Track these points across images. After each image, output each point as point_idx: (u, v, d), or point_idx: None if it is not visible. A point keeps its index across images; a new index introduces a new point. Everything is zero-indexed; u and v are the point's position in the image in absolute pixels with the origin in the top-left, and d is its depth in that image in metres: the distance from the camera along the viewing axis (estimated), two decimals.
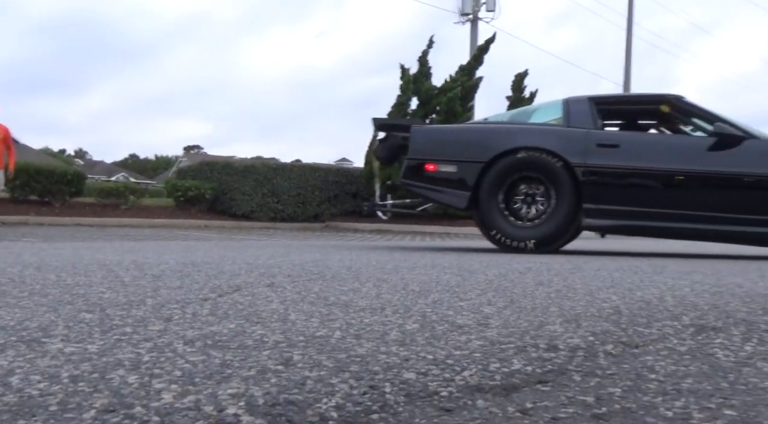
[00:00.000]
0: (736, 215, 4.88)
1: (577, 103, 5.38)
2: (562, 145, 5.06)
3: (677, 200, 4.98)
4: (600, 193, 5.01)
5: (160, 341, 1.35)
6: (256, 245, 5.96)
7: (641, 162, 5.03)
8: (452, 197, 5.25)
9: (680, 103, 5.40)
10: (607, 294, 2.30)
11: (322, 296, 2.10)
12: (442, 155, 5.28)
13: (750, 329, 1.64)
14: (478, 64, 16.24)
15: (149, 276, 2.60)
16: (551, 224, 5.07)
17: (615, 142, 5.12)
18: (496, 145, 5.15)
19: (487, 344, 1.40)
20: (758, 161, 4.89)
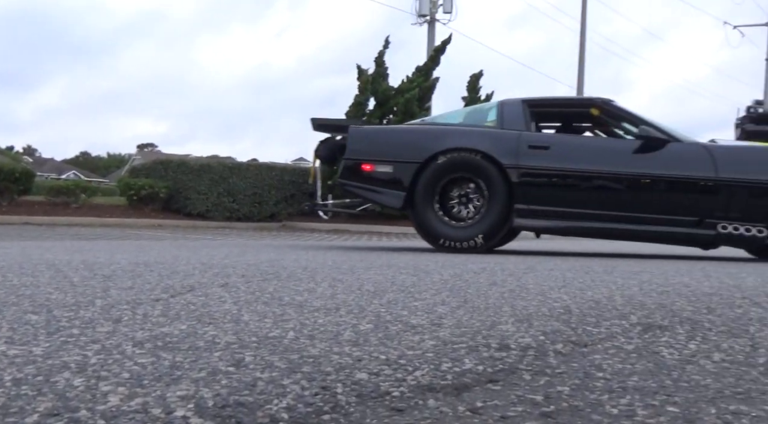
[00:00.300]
0: (661, 216, 5.03)
1: (510, 106, 5.49)
2: (494, 146, 5.16)
3: (605, 201, 5.11)
4: (531, 194, 5.12)
5: (108, 343, 1.33)
6: (211, 244, 5.90)
7: (570, 164, 5.15)
8: (388, 197, 5.33)
9: (608, 107, 5.53)
10: (559, 294, 2.34)
11: (276, 297, 2.09)
12: (378, 156, 5.35)
13: (694, 328, 1.69)
14: (435, 65, 16.33)
15: (99, 276, 2.55)
16: (484, 224, 5.16)
17: (545, 144, 5.24)
18: (430, 146, 5.23)
19: (440, 344, 1.41)
20: (680, 163, 5.04)
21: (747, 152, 5.17)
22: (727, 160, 4.97)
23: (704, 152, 5.01)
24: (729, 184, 4.91)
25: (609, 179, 5.11)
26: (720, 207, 4.92)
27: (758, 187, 4.90)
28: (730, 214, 4.90)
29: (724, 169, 4.92)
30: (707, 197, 4.96)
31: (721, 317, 1.89)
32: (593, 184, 5.15)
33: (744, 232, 4.86)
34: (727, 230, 4.89)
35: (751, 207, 4.90)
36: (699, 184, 4.97)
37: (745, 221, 4.88)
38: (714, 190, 4.93)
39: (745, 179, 4.91)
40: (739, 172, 4.93)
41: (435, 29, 20.89)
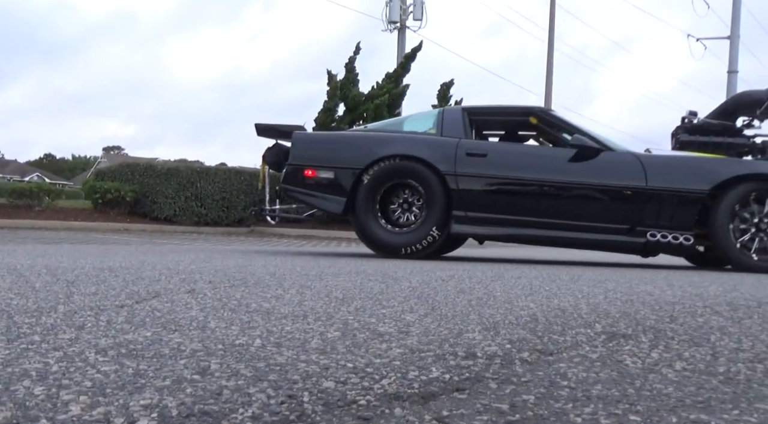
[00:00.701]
0: (593, 224, 5.14)
1: (451, 113, 5.60)
2: (433, 153, 5.25)
3: (540, 209, 5.21)
4: (468, 200, 5.21)
5: (70, 350, 1.30)
6: (178, 249, 5.83)
7: (507, 171, 5.26)
8: (329, 203, 5.39)
9: (546, 116, 5.64)
10: (526, 302, 2.36)
11: (243, 303, 2.08)
12: (320, 161, 5.42)
13: (657, 336, 1.72)
14: (405, 71, 16.39)
15: (63, 282, 2.50)
16: (423, 230, 5.23)
17: (483, 151, 5.32)
18: (371, 152, 5.31)
19: (407, 352, 1.41)
20: (612, 172, 5.16)
21: (675, 162, 5.30)
22: (656, 169, 5.11)
23: (635, 161, 5.14)
24: (658, 192, 5.05)
25: (544, 187, 5.23)
26: (650, 215, 5.05)
27: (685, 195, 5.03)
28: (660, 222, 5.04)
29: (653, 178, 5.06)
30: (638, 206, 5.08)
31: (683, 325, 1.92)
32: (529, 191, 5.26)
33: (672, 239, 5.00)
34: (656, 238, 5.02)
35: (679, 215, 5.03)
36: (630, 192, 5.09)
37: (673, 229, 5.01)
38: (644, 198, 5.06)
39: (673, 188, 5.05)
40: (667, 181, 5.07)
41: (405, 36, 20.97)
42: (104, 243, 7.05)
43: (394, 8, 20.89)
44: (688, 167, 5.18)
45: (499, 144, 5.77)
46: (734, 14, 26.08)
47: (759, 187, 4.97)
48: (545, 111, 5.67)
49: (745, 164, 5.22)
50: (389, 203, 5.41)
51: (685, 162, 5.28)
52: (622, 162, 5.17)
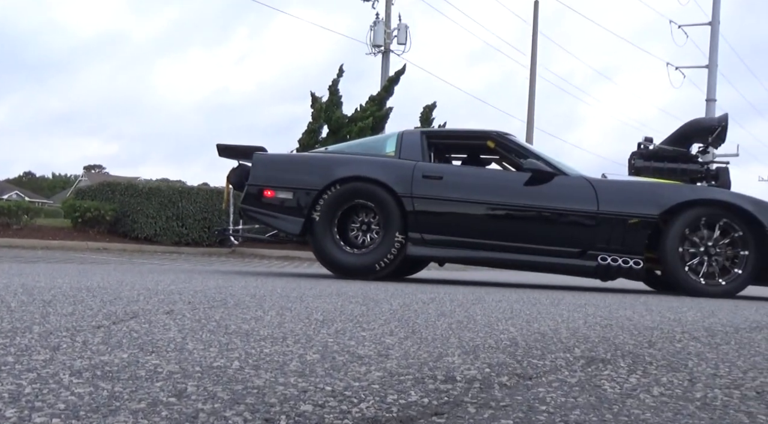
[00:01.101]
0: (546, 247, 5.18)
1: (410, 136, 5.66)
2: (390, 175, 5.31)
3: (494, 231, 5.25)
4: (424, 222, 5.25)
5: (44, 372, 1.28)
6: (158, 269, 5.78)
7: (462, 194, 5.30)
8: (287, 223, 5.42)
9: (503, 140, 5.68)
10: (506, 326, 2.36)
11: (222, 325, 2.06)
12: (280, 182, 5.47)
13: (635, 361, 1.73)
14: (389, 94, 16.50)
15: (39, 301, 2.47)
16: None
17: (439, 174, 5.38)
18: (330, 174, 5.37)
19: (386, 376, 1.40)
20: (565, 196, 5.22)
21: (627, 187, 5.37)
22: (608, 193, 5.18)
23: (588, 186, 5.21)
24: (609, 217, 5.10)
25: (498, 210, 5.29)
26: (601, 239, 5.11)
27: (635, 219, 5.08)
28: (611, 246, 5.09)
29: (605, 203, 5.13)
30: (589, 229, 5.14)
31: (661, 350, 1.93)
32: (483, 214, 5.31)
33: (622, 263, 5.04)
34: (607, 262, 5.07)
35: (630, 239, 5.08)
36: (582, 216, 5.15)
37: (624, 253, 5.06)
38: (595, 222, 5.12)
39: (624, 212, 5.10)
40: (618, 206, 5.13)
41: (389, 60, 21.14)
42: (83, 262, 6.97)
43: (379, 32, 21.08)
44: (639, 192, 5.25)
45: (455, 167, 5.84)
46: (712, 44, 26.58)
47: (708, 212, 5.04)
48: (502, 135, 5.70)
49: (694, 190, 5.31)
50: (349, 224, 5.46)
51: (636, 187, 5.37)
52: (575, 186, 5.24)
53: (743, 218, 4.96)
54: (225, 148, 5.87)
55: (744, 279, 4.97)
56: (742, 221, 4.96)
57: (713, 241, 5.01)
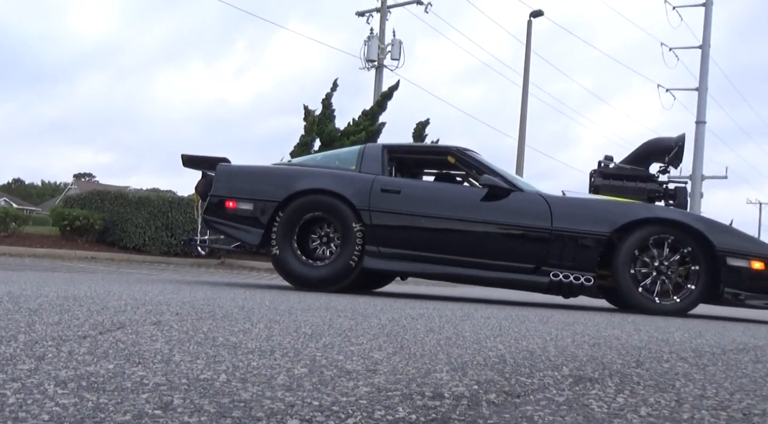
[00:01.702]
0: (501, 262, 5.22)
1: (371, 150, 5.73)
2: (349, 188, 5.36)
3: (451, 246, 5.28)
4: (381, 236, 5.29)
5: (29, 382, 1.27)
6: (146, 279, 5.75)
7: (418, 208, 5.34)
8: (247, 234, 5.48)
9: (462, 155, 5.74)
10: (494, 343, 2.36)
11: (210, 337, 2.05)
12: (241, 194, 5.53)
13: (623, 381, 1.73)
14: (382, 109, 16.57)
15: (25, 310, 2.45)
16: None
17: (397, 188, 5.41)
18: (290, 186, 5.43)
19: (374, 391, 1.40)
20: (520, 213, 5.25)
21: (581, 204, 5.40)
22: (562, 211, 5.21)
23: (543, 203, 5.25)
24: (562, 233, 5.14)
25: (454, 225, 5.31)
26: (554, 255, 5.14)
27: (587, 237, 5.12)
28: (564, 262, 5.13)
29: (558, 220, 5.16)
30: (543, 246, 5.17)
31: (649, 371, 1.93)
32: (440, 229, 5.35)
33: (573, 280, 5.08)
34: (558, 278, 5.10)
35: (582, 256, 5.12)
36: (536, 233, 5.18)
37: (576, 270, 5.10)
38: (549, 239, 5.15)
39: (576, 230, 5.14)
40: (571, 223, 5.16)
41: (383, 75, 21.25)
42: (70, 271, 6.92)
43: (373, 47, 21.20)
44: (593, 210, 5.28)
45: (413, 181, 5.88)
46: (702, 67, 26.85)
47: (659, 231, 5.07)
48: (462, 151, 5.76)
49: (646, 208, 5.34)
50: (311, 237, 5.52)
51: (590, 205, 5.41)
52: (530, 203, 5.27)
53: (692, 235, 5.02)
54: (189, 158, 5.92)
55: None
56: (692, 238, 5.01)
57: (663, 258, 5.06)
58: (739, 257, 4.95)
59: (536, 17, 22.09)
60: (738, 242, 5.02)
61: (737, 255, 4.95)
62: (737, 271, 4.95)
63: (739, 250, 4.97)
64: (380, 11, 21.81)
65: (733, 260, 4.94)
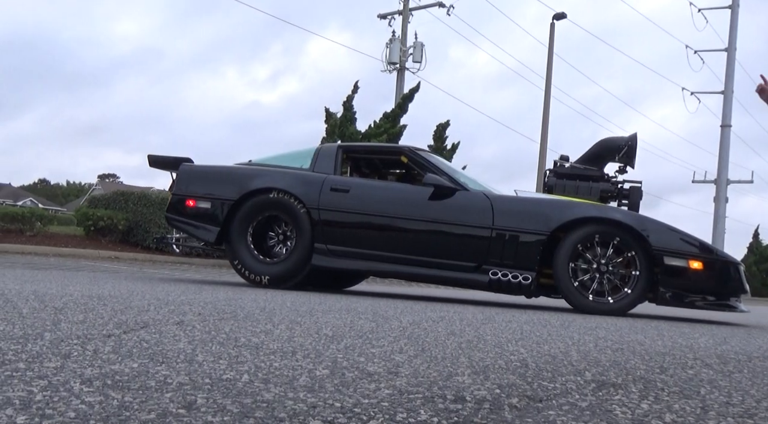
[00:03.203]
0: (445, 260, 5.25)
1: (326, 150, 5.87)
2: (301, 187, 5.49)
3: (396, 244, 5.36)
4: (329, 234, 5.41)
5: (55, 379, 1.29)
6: (169, 279, 5.79)
7: (365, 207, 5.43)
8: (204, 232, 5.65)
9: (413, 155, 5.78)
10: (516, 347, 2.35)
11: (232, 337, 2.06)
12: (200, 193, 5.72)
13: (647, 387, 1.71)
14: (403, 112, 16.57)
15: (50, 308, 2.48)
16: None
17: (346, 187, 5.52)
18: (245, 185, 5.58)
19: (396, 393, 1.40)
20: (464, 211, 5.28)
21: (524, 203, 5.39)
22: (503, 209, 5.24)
23: (485, 202, 5.28)
24: (502, 232, 5.16)
25: (400, 223, 5.39)
26: (495, 254, 5.17)
27: (527, 235, 5.13)
28: (504, 260, 5.15)
29: (499, 219, 5.19)
30: (484, 244, 5.20)
31: (673, 377, 1.91)
32: (385, 227, 5.43)
33: (512, 278, 5.09)
34: (497, 276, 5.13)
35: (522, 255, 5.13)
36: (477, 231, 5.21)
37: (516, 268, 5.11)
38: (490, 237, 5.18)
39: (516, 228, 5.16)
40: (511, 222, 5.19)
41: (404, 77, 21.25)
42: (94, 271, 7.00)
43: (394, 50, 21.20)
44: (535, 209, 5.27)
45: (363, 181, 5.93)
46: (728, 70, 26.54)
47: (602, 230, 5.04)
48: (413, 151, 5.82)
49: (588, 208, 5.29)
50: (269, 235, 5.67)
51: (533, 204, 5.39)
52: (473, 202, 5.31)
53: (631, 234, 4.97)
54: (155, 159, 6.10)
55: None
56: (631, 238, 4.97)
57: (606, 259, 5.03)
58: (677, 257, 4.92)
59: (559, 20, 21.97)
60: (676, 242, 4.97)
61: (675, 255, 4.92)
62: (675, 271, 4.91)
63: (678, 250, 4.93)
64: (402, 14, 21.82)
65: (670, 259, 4.91)
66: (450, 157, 17.07)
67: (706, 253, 4.96)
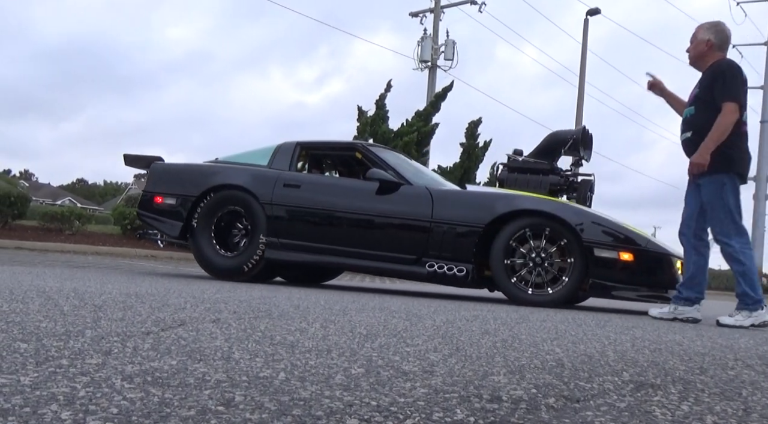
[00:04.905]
0: (388, 253, 5.36)
1: (284, 147, 6.02)
2: (257, 183, 5.70)
3: (342, 237, 5.50)
4: (280, 227, 5.59)
5: (97, 376, 1.31)
6: (204, 277, 5.86)
7: (313, 201, 5.61)
8: (169, 227, 5.90)
9: (366, 151, 5.88)
10: (551, 346, 2.33)
11: (268, 335, 2.08)
12: (167, 190, 5.98)
13: (687, 388, 1.68)
14: (435, 110, 16.51)
15: (90, 306, 2.53)
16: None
17: (298, 182, 5.72)
18: (207, 182, 5.83)
19: (432, 392, 1.40)
20: (406, 205, 5.38)
21: (463, 197, 5.47)
22: (443, 203, 5.32)
23: (427, 195, 5.37)
24: (440, 225, 5.23)
25: (346, 217, 5.51)
26: (434, 246, 5.24)
27: (463, 228, 5.19)
28: (443, 253, 5.22)
29: (438, 212, 5.26)
30: (424, 237, 5.27)
31: (713, 378, 1.88)
32: (333, 220, 5.56)
33: (447, 270, 5.16)
34: (434, 268, 5.20)
35: (459, 247, 5.19)
36: (417, 224, 5.31)
37: (453, 261, 5.17)
38: (429, 230, 5.25)
39: (453, 221, 5.21)
40: (450, 214, 5.23)
41: (436, 75, 21.18)
42: (131, 269, 7.11)
43: (426, 48, 21.14)
44: (473, 202, 5.34)
45: (313, 176, 6.08)
46: None
47: (534, 222, 5.04)
48: (366, 147, 5.97)
49: (524, 200, 5.26)
50: (232, 230, 5.89)
51: (472, 197, 5.46)
52: (415, 196, 5.39)
53: (565, 226, 4.95)
54: (131, 158, 6.38)
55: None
56: (566, 230, 4.95)
57: (540, 250, 5.01)
58: (608, 248, 4.89)
59: (593, 16, 21.70)
60: (607, 234, 4.94)
61: (605, 246, 4.89)
62: (605, 262, 4.88)
63: (608, 241, 4.90)
64: (434, 11, 21.75)
65: (600, 251, 4.88)
66: (482, 154, 16.97)
67: (636, 245, 4.93)
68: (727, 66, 4.37)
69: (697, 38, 4.53)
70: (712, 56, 4.45)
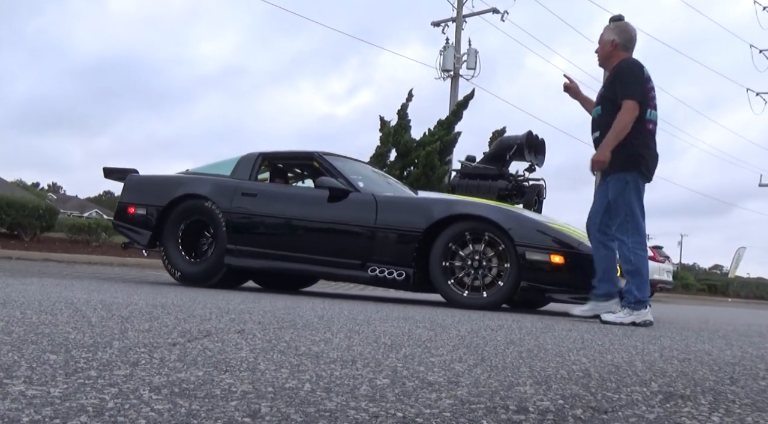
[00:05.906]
0: (335, 259, 5.50)
1: (247, 158, 6.24)
2: (218, 193, 5.93)
3: (294, 244, 5.68)
4: (238, 235, 5.79)
5: (125, 387, 1.32)
6: (228, 288, 5.91)
7: (267, 209, 5.79)
8: (139, 236, 6.17)
9: (321, 160, 6.02)
10: (578, 356, 2.31)
11: (292, 346, 2.08)
12: (140, 200, 6.25)
13: (717, 399, 1.65)
14: (457, 119, 16.48)
15: (117, 317, 2.56)
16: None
17: (255, 191, 5.92)
18: (173, 192, 6.07)
19: (457, 403, 1.39)
20: (352, 211, 5.51)
21: (405, 202, 5.59)
22: (386, 209, 5.42)
23: (372, 202, 5.49)
24: (382, 230, 5.36)
25: (298, 224, 5.70)
26: (377, 251, 5.35)
27: (403, 233, 5.29)
28: (384, 258, 5.32)
29: (381, 218, 5.38)
30: (368, 242, 5.41)
31: (744, 388, 1.85)
32: (286, 228, 5.75)
33: (387, 274, 5.27)
34: (375, 273, 5.31)
35: (399, 251, 5.28)
36: (361, 230, 5.45)
37: (394, 265, 5.26)
38: (373, 236, 5.39)
39: (394, 226, 5.34)
40: (391, 220, 5.36)
41: (458, 84, 21.17)
42: (157, 280, 7.18)
43: (448, 57, 21.16)
44: (414, 208, 5.45)
45: (269, 185, 6.26)
46: None
47: (472, 227, 5.08)
48: (322, 156, 6.07)
49: (462, 205, 5.34)
50: (201, 238, 6.14)
51: (413, 203, 5.58)
52: (361, 202, 5.52)
53: (500, 230, 4.98)
54: (110, 170, 6.69)
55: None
56: (502, 233, 4.97)
57: (478, 254, 5.05)
58: (539, 251, 4.89)
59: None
60: (538, 237, 4.94)
61: (536, 249, 4.89)
62: (536, 265, 4.88)
63: (539, 244, 4.91)
64: (456, 21, 21.78)
65: (532, 253, 4.88)
66: None
67: (568, 247, 4.92)
68: (626, 65, 4.46)
69: (603, 39, 4.66)
70: (617, 56, 4.55)
